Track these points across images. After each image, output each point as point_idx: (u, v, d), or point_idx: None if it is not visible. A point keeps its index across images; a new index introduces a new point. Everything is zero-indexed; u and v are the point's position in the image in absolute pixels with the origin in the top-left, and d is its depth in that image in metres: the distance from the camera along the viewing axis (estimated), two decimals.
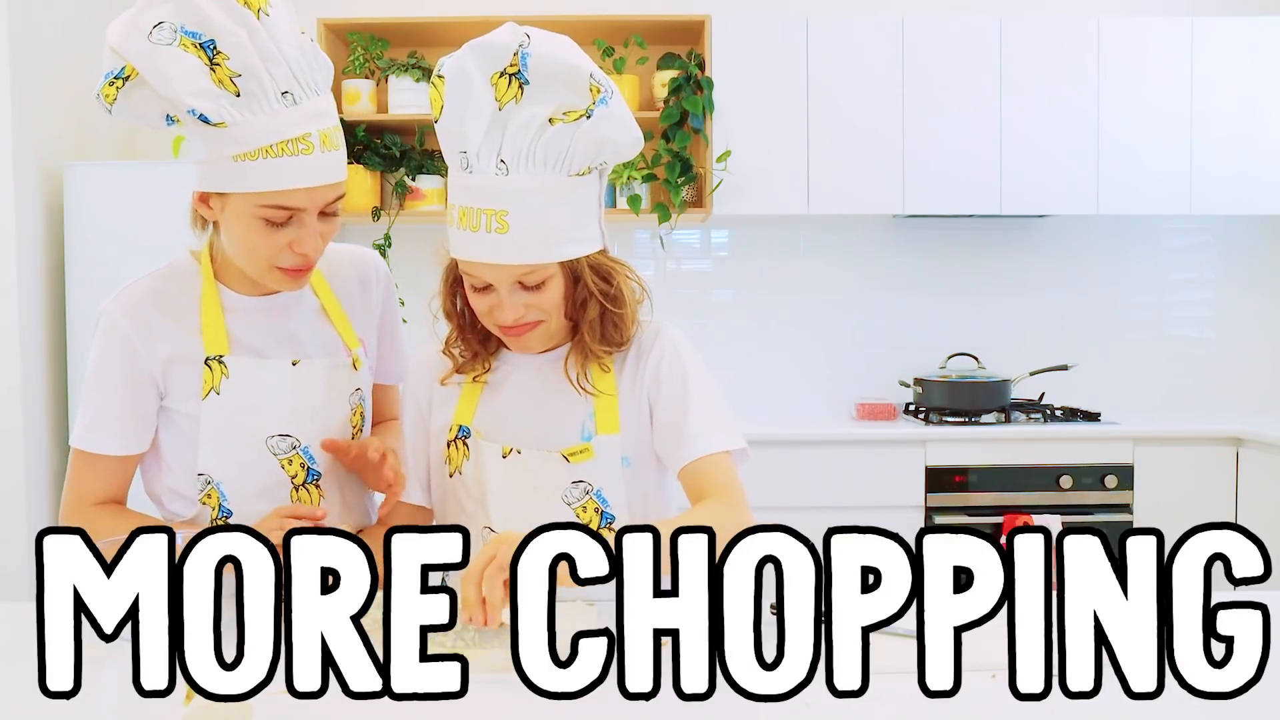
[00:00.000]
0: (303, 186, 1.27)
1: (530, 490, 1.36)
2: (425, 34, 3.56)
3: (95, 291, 3.12)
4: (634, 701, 0.94)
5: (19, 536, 3.03)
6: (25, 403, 3.03)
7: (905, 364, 3.84)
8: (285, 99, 1.26)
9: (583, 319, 1.36)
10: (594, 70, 1.26)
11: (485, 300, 1.32)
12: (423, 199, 3.52)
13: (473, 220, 1.26)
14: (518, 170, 1.25)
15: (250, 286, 1.41)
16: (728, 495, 1.31)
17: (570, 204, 1.27)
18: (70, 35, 3.31)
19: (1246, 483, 3.32)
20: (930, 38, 3.50)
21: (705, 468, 1.34)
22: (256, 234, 1.29)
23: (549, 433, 1.38)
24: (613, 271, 1.35)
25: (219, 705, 0.90)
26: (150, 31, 1.21)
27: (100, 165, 3.20)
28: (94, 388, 1.37)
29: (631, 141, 1.29)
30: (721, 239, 3.91)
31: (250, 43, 1.23)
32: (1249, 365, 3.94)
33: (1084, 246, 3.92)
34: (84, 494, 1.39)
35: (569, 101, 1.24)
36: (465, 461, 1.40)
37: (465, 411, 1.41)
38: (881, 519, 3.24)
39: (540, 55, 1.24)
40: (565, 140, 1.24)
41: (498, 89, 1.24)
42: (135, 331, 1.35)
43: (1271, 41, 3.56)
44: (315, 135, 1.27)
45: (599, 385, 1.38)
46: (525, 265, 1.27)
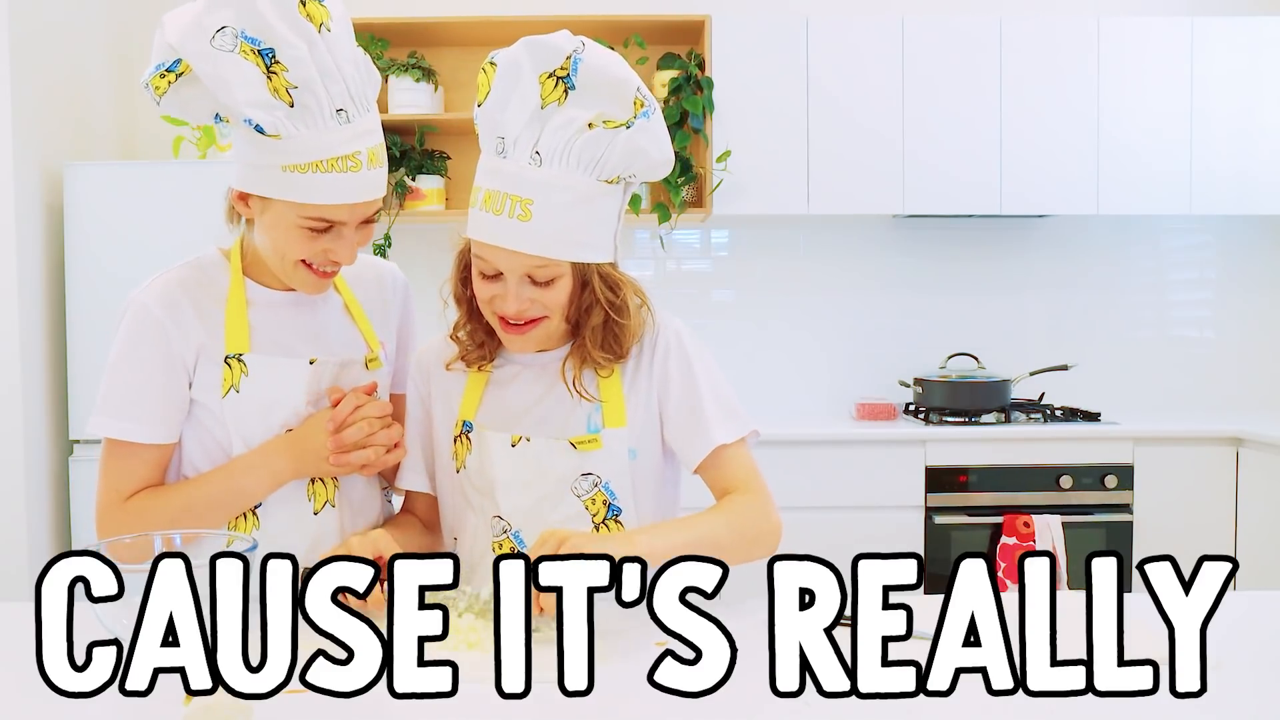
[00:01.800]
0: (347, 202, 1.30)
1: (539, 478, 1.38)
2: (425, 34, 3.56)
3: (95, 291, 3.12)
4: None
5: (19, 537, 3.03)
6: (25, 403, 3.03)
7: (905, 364, 3.84)
8: (339, 116, 1.27)
9: (585, 324, 1.38)
10: (641, 86, 1.29)
11: (491, 289, 1.34)
12: (423, 199, 3.52)
13: (497, 204, 1.28)
14: (551, 164, 1.27)
15: (278, 281, 1.43)
16: (751, 488, 1.37)
17: (594, 208, 1.30)
18: (70, 35, 3.31)
19: (1246, 483, 3.32)
20: (930, 38, 3.50)
21: (725, 460, 1.39)
22: (295, 240, 1.32)
23: (555, 424, 1.40)
24: (620, 283, 1.37)
25: (219, 705, 0.91)
26: (213, 36, 1.22)
27: (100, 165, 3.20)
28: (124, 377, 1.37)
29: (663, 160, 1.31)
30: (721, 239, 3.91)
31: (310, 56, 1.24)
32: (1249, 365, 3.94)
33: (1084, 246, 3.92)
34: (122, 486, 1.37)
35: (610, 111, 1.27)
36: (469, 455, 1.42)
37: (469, 407, 1.43)
38: (881, 519, 3.28)
39: (591, 65, 1.27)
40: (602, 145, 1.27)
41: (544, 88, 1.27)
42: (169, 318, 1.36)
43: (1271, 41, 3.56)
44: (364, 154, 1.29)
45: (601, 393, 1.40)
46: (539, 258, 1.29)
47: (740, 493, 1.37)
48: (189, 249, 1.48)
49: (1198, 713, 0.98)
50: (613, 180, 1.30)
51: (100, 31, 3.50)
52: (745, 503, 1.36)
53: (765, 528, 1.37)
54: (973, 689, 1.04)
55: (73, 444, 3.17)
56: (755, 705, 0.99)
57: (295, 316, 1.44)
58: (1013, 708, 1.00)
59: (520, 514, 1.39)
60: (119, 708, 1.02)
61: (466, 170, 3.73)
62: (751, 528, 1.35)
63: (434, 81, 3.54)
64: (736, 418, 1.41)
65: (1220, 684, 1.04)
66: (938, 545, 3.30)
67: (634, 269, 1.42)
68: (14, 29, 2.99)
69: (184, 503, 1.37)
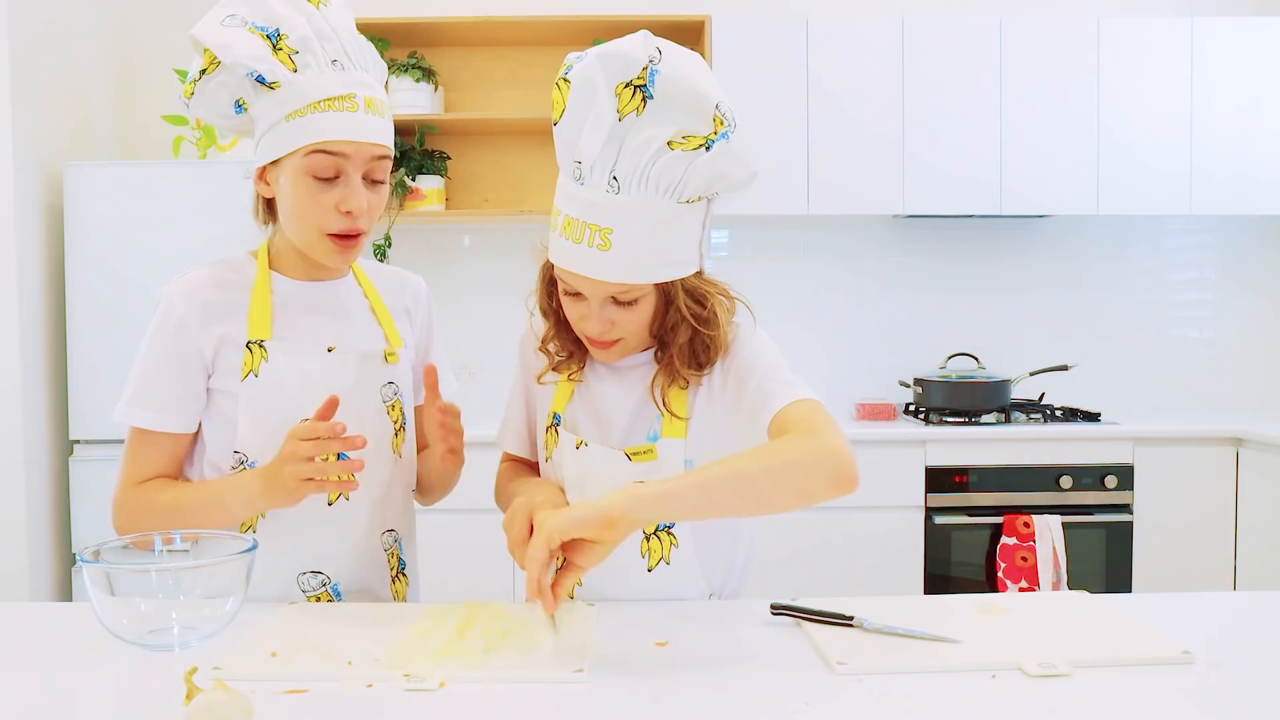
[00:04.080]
0: (347, 138, 1.35)
1: (595, 485, 1.38)
2: (425, 34, 3.56)
3: (95, 291, 3.13)
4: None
5: (19, 537, 3.03)
6: (25, 403, 3.03)
7: (905, 364, 3.84)
8: (334, 66, 1.37)
9: (672, 342, 1.36)
10: (721, 101, 1.24)
11: (577, 308, 1.34)
12: (423, 199, 3.52)
13: (576, 232, 1.27)
14: (629, 190, 1.25)
15: (303, 271, 1.47)
16: (806, 425, 1.24)
17: (675, 229, 1.27)
18: (70, 35, 3.32)
19: (1246, 483, 3.32)
20: (930, 38, 3.51)
21: (783, 416, 1.27)
22: (306, 193, 1.37)
23: (619, 431, 1.41)
24: (707, 295, 1.35)
25: (219, 704, 0.91)
26: (223, 19, 1.37)
27: (100, 165, 3.20)
28: (148, 368, 1.41)
29: (747, 178, 1.28)
30: (721, 239, 3.91)
31: (308, 24, 1.37)
32: (1249, 365, 3.95)
33: (1084, 246, 3.92)
34: (137, 472, 1.42)
35: (690, 126, 1.24)
36: (555, 449, 1.44)
37: (561, 400, 1.45)
38: (881, 519, 3.29)
39: (669, 76, 1.23)
40: (681, 168, 1.24)
41: (621, 99, 1.23)
42: (190, 313, 1.40)
43: (1271, 41, 3.56)
44: (360, 97, 1.37)
45: (676, 408, 1.36)
46: (622, 285, 1.28)
47: (795, 431, 1.24)
48: (189, 249, 1.49)
49: (1198, 712, 0.98)
50: (694, 200, 1.27)
51: (100, 31, 3.50)
52: (791, 436, 1.23)
53: (811, 449, 1.20)
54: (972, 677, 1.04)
55: (73, 444, 3.17)
56: (755, 705, 0.99)
57: (318, 307, 1.47)
58: (1011, 692, 1.00)
59: None
60: (119, 707, 1.02)
61: (466, 170, 3.73)
62: (789, 452, 1.20)
63: (434, 81, 3.55)
64: (790, 386, 1.30)
65: (1220, 684, 1.04)
66: (938, 545, 3.30)
67: None
68: (14, 29, 2.99)
69: (173, 502, 1.38)
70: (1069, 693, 1.01)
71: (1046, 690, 1.02)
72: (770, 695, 1.02)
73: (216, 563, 1.20)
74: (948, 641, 1.16)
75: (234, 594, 1.18)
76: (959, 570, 3.31)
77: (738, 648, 1.19)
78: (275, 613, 1.31)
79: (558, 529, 1.11)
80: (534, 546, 1.12)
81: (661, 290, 1.32)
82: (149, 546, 1.28)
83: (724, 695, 1.02)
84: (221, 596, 1.17)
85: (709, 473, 1.16)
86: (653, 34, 1.27)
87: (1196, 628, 1.22)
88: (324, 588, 1.44)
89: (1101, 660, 1.09)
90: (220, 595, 1.17)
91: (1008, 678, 1.05)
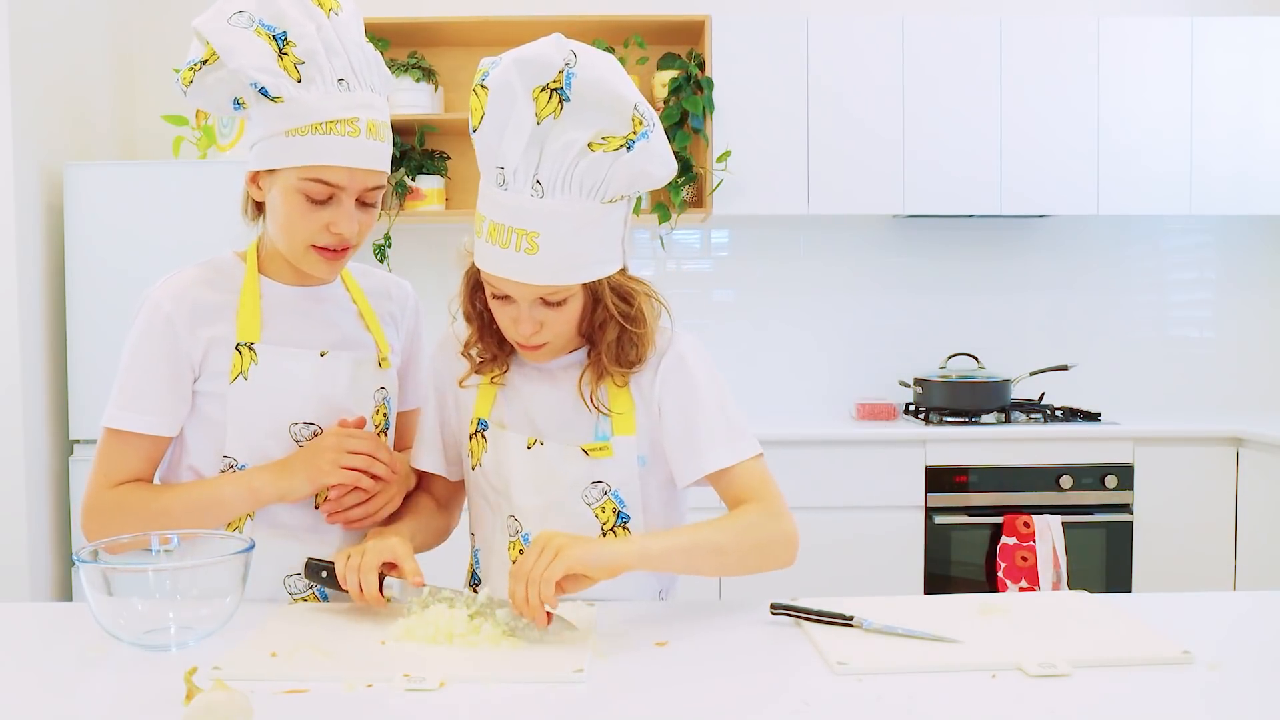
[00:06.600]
0: (344, 165, 1.33)
1: (551, 482, 1.39)
2: (425, 34, 3.56)
3: (95, 291, 3.12)
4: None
5: (19, 537, 3.03)
6: (25, 403, 3.03)
7: (905, 364, 3.84)
8: (340, 85, 1.34)
9: (600, 340, 1.38)
10: (639, 101, 1.26)
11: (506, 312, 1.35)
12: (423, 199, 3.52)
13: (502, 237, 1.28)
14: (553, 194, 1.26)
15: (292, 276, 1.46)
16: (762, 497, 1.37)
17: (600, 228, 1.29)
18: (70, 35, 3.31)
19: (1246, 483, 3.32)
20: (930, 38, 3.50)
21: (734, 476, 1.38)
22: (297, 210, 1.35)
23: (568, 430, 1.41)
24: (633, 292, 1.37)
25: (219, 704, 0.91)
26: (230, 16, 1.33)
27: (100, 165, 3.20)
28: (131, 369, 1.40)
29: (666, 175, 1.30)
30: (721, 239, 3.91)
31: (316, 34, 1.33)
32: (1249, 365, 3.94)
33: (1084, 246, 3.92)
34: (112, 473, 1.40)
35: (610, 127, 1.25)
36: (484, 454, 1.43)
37: (484, 405, 1.44)
38: (882, 519, 3.28)
39: (585, 79, 1.24)
40: (602, 169, 1.25)
41: (538, 103, 1.24)
42: (178, 314, 1.39)
43: (1271, 41, 3.56)
44: (363, 122, 1.34)
45: (613, 405, 1.39)
46: (551, 286, 1.29)
47: (752, 503, 1.36)
48: (189, 249, 1.49)
49: (1198, 713, 0.98)
50: (616, 199, 1.29)
51: (100, 31, 3.50)
52: (754, 510, 1.35)
53: (774, 534, 1.35)
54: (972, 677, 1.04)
55: (73, 444, 3.17)
56: (755, 705, 0.99)
57: (308, 311, 1.46)
58: (1011, 692, 1.00)
59: (533, 515, 1.40)
60: (118, 707, 1.02)
61: (466, 170, 3.73)
62: (758, 533, 1.33)
63: (434, 81, 3.55)
64: (737, 440, 1.39)
65: (1220, 684, 1.04)
66: (938, 545, 3.30)
67: (634, 269, 1.40)
68: (14, 29, 2.99)
69: (162, 506, 1.37)
70: (1069, 693, 1.01)
71: (1046, 690, 1.02)
72: (770, 695, 1.02)
73: (213, 563, 1.20)
74: (948, 641, 1.16)
75: (231, 594, 1.18)
76: (959, 570, 3.31)
77: (737, 648, 1.19)
78: (275, 612, 1.31)
79: (579, 562, 1.17)
80: (552, 570, 1.16)
81: (589, 289, 1.34)
82: (146, 547, 1.28)
83: (724, 695, 1.02)
84: (218, 596, 1.17)
85: (695, 539, 1.29)
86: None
87: (1196, 628, 1.22)
88: (310, 590, 1.44)
89: (1101, 660, 1.09)
90: (217, 595, 1.17)
91: (1008, 678, 1.05)
